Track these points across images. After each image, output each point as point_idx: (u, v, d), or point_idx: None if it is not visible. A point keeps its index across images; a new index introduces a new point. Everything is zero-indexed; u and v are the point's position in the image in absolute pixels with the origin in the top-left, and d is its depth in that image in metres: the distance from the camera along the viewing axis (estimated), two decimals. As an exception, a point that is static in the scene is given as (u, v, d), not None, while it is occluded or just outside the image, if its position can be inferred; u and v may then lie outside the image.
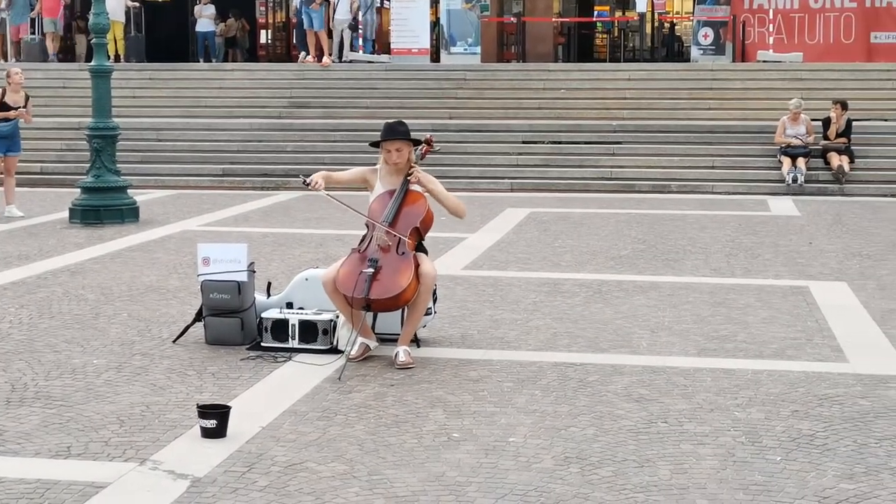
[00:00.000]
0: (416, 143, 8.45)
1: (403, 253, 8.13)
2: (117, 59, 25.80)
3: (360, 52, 27.38)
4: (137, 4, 29.32)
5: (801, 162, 19.49)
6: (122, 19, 26.34)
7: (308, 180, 8.31)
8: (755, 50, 25.57)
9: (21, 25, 27.65)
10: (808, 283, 11.19)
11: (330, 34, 25.92)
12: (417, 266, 8.12)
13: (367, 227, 8.33)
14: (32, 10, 27.97)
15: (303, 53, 26.33)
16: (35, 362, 8.13)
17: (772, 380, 7.72)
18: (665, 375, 7.82)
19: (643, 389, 7.49)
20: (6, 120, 16.08)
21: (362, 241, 8.32)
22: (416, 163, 8.46)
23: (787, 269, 12.10)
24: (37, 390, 7.42)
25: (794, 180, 19.20)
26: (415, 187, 8.35)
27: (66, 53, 29.65)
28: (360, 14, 25.93)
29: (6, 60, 27.19)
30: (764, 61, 24.63)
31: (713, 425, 6.74)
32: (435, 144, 8.85)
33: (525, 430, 6.64)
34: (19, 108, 16.05)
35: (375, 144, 8.50)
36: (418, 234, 8.31)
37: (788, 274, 11.79)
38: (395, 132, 8.31)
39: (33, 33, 28.22)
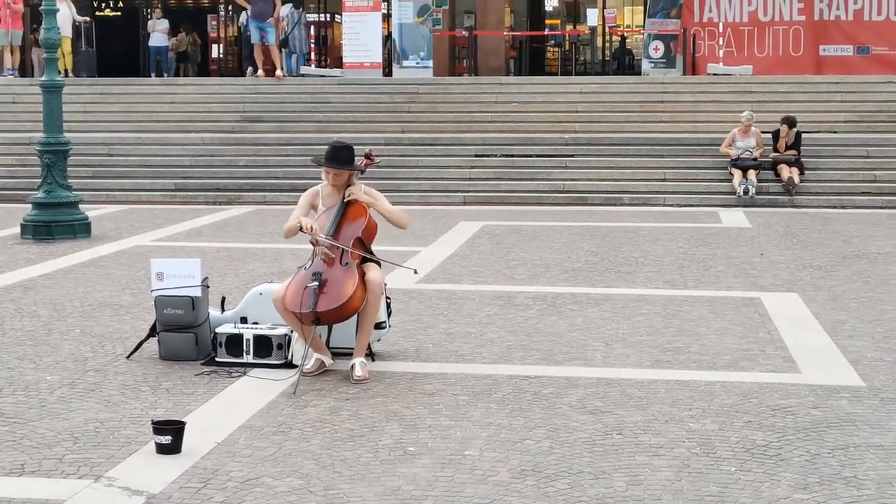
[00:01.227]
0: (357, 168, 8.44)
1: (347, 263, 8.16)
2: (66, 73, 25.57)
3: (312, 65, 27.39)
4: (88, 19, 29.11)
5: (751, 174, 19.65)
6: (70, 34, 26.11)
7: (312, 238, 8.21)
8: (705, 63, 25.76)
9: None
10: (760, 295, 11.29)
11: (279, 49, 25.89)
12: (363, 275, 8.14)
13: (312, 244, 8.34)
14: None
15: (250, 69, 26.27)
16: (-13, 379, 8.06)
17: (725, 391, 7.78)
18: (619, 387, 7.86)
19: (598, 401, 7.52)
20: None
21: (309, 258, 8.34)
22: (357, 177, 8.49)
23: (739, 280, 12.19)
24: (-11, 408, 7.37)
25: (745, 192, 19.35)
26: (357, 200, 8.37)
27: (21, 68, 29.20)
28: (288, 30, 25.90)
29: None
30: (714, 74, 24.82)
31: (668, 437, 6.79)
32: (375, 158, 8.89)
33: (481, 444, 6.66)
34: None
35: (318, 163, 8.52)
36: (362, 244, 8.33)
37: (740, 285, 11.88)
38: (337, 160, 8.32)
39: None
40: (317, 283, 8.03)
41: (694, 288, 11.75)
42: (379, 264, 8.36)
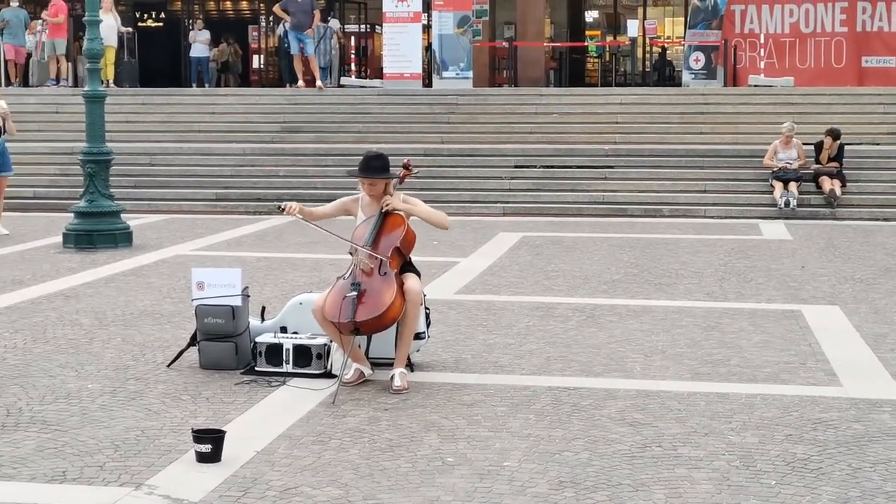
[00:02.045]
0: (392, 176, 8.48)
1: (385, 273, 8.17)
2: (108, 84, 25.77)
3: (353, 76, 27.47)
4: (131, 30, 29.32)
5: (793, 186, 19.56)
6: (115, 44, 26.30)
7: (283, 205, 8.36)
8: (746, 74, 25.66)
9: (18, 48, 27.33)
10: (801, 307, 11.22)
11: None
12: (402, 284, 8.16)
13: (351, 253, 8.38)
14: (27, 29, 27.67)
15: (289, 84, 26.35)
16: (30, 387, 8.12)
17: (766, 404, 7.74)
18: (659, 399, 7.84)
19: (637, 413, 7.50)
20: None
21: (347, 267, 8.37)
22: (396, 187, 8.52)
23: (779, 293, 12.12)
24: (32, 415, 7.42)
25: (787, 204, 19.25)
26: (395, 210, 8.40)
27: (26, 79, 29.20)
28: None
29: (9, 84, 26.92)
30: (755, 86, 24.71)
31: (707, 449, 6.76)
32: (414, 168, 8.91)
33: (519, 455, 6.65)
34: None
35: (353, 175, 8.56)
36: (400, 255, 8.34)
37: (781, 298, 11.82)
38: (368, 169, 8.36)
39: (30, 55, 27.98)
40: (355, 293, 8.05)
41: (734, 300, 11.69)
42: (419, 274, 8.37)
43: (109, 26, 25.50)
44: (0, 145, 16.46)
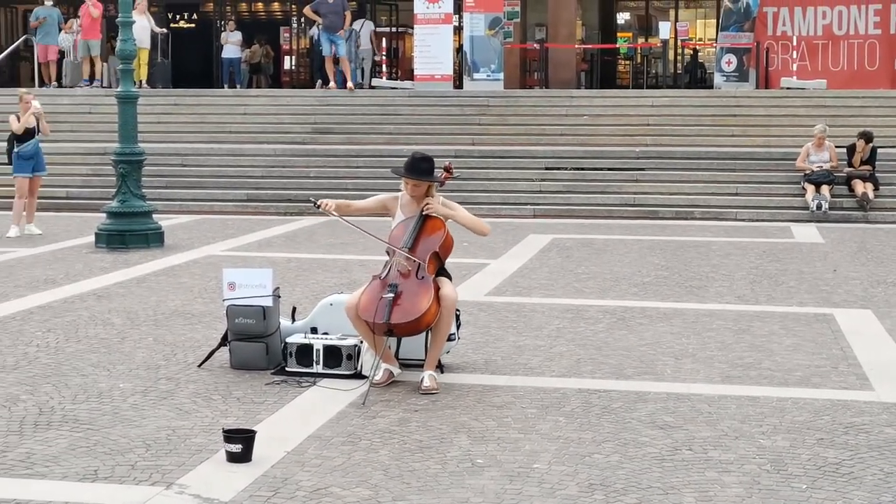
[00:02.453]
0: (437, 180, 8.49)
1: (423, 277, 8.16)
2: (140, 84, 25.90)
3: (384, 78, 27.50)
4: (166, 31, 29.44)
5: (825, 189, 19.47)
6: (148, 45, 26.41)
7: (318, 202, 8.37)
8: (779, 77, 25.55)
9: (50, 47, 27.45)
10: (833, 311, 11.17)
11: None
12: (438, 289, 8.15)
13: (388, 253, 8.37)
14: (61, 30, 27.77)
15: (319, 82, 26.39)
16: (62, 386, 8.17)
17: (797, 407, 7.71)
18: (689, 403, 7.81)
19: (667, 416, 7.48)
20: (27, 140, 16.38)
21: (384, 267, 8.37)
22: (436, 190, 8.52)
23: (811, 296, 12.07)
24: (64, 414, 7.47)
25: (819, 207, 19.17)
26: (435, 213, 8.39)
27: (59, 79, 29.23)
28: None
29: (45, 85, 27.04)
30: (787, 88, 24.61)
31: (738, 453, 6.73)
32: (454, 171, 8.91)
33: (549, 457, 6.64)
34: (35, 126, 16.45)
35: (397, 173, 8.56)
36: (438, 259, 8.34)
37: (813, 301, 11.77)
38: (417, 171, 8.35)
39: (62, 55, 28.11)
40: (392, 295, 8.05)
41: (765, 303, 11.65)
42: (450, 277, 8.38)
43: (143, 28, 25.63)
44: (34, 145, 16.58)
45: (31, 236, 16.44)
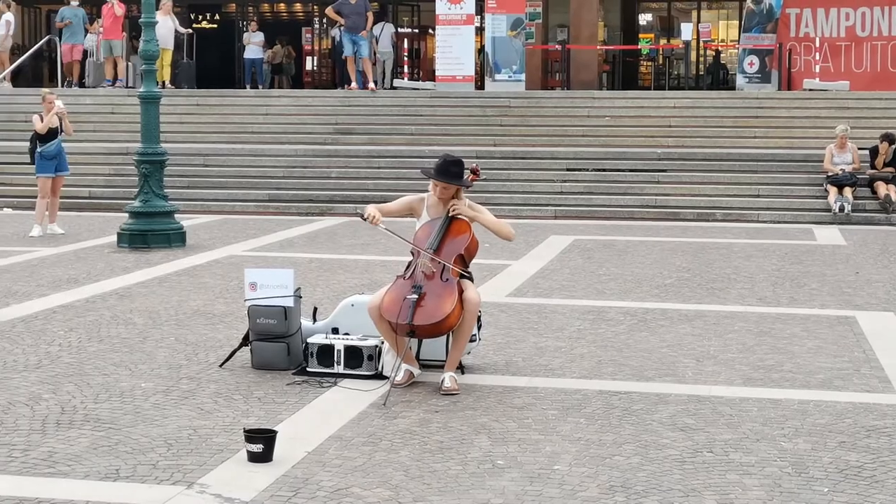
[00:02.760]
0: (467, 184, 8.50)
1: (447, 279, 8.17)
2: (163, 84, 25.98)
3: (406, 78, 27.52)
4: (191, 31, 29.51)
5: (847, 191, 19.40)
6: (171, 46, 26.48)
7: (366, 215, 8.35)
8: (801, 78, 25.46)
9: (75, 46, 27.48)
10: (855, 314, 11.13)
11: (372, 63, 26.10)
12: (461, 292, 8.15)
13: (413, 254, 8.38)
14: (86, 31, 27.83)
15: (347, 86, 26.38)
16: (84, 385, 8.21)
17: (819, 410, 7.69)
18: (710, 405, 7.80)
19: (688, 419, 7.47)
20: (50, 140, 16.46)
21: (407, 268, 8.37)
22: (462, 192, 8.53)
23: (833, 298, 12.03)
24: (86, 413, 7.50)
25: (841, 209, 19.10)
26: (461, 215, 8.40)
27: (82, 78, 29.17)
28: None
29: (67, 85, 27.12)
30: (810, 90, 24.53)
31: (759, 455, 6.72)
32: (481, 172, 8.91)
33: (570, 459, 6.64)
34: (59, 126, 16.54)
35: (427, 174, 8.57)
36: (463, 262, 8.35)
37: (835, 304, 11.73)
38: (447, 174, 8.35)
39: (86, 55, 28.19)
40: (416, 296, 8.05)
41: (787, 306, 11.62)
42: (472, 278, 8.39)
43: (167, 28, 25.72)
44: (57, 145, 16.65)
45: (53, 236, 16.51)
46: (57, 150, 16.70)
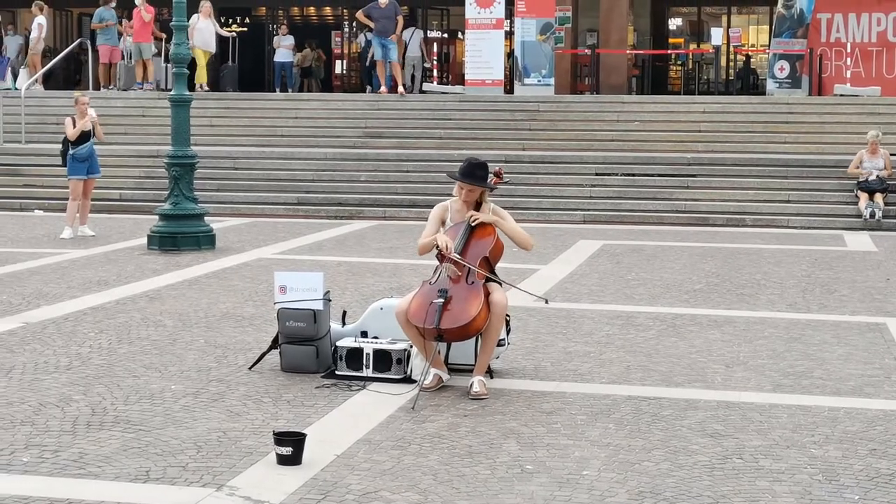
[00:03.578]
0: (491, 186, 8.51)
1: (473, 282, 8.18)
2: (201, 87, 26.10)
3: (435, 82, 27.53)
4: (234, 35, 29.60)
5: (878, 197, 19.30)
6: (213, 49, 26.53)
7: (442, 251, 8.19)
8: (832, 83, 25.35)
9: (114, 49, 27.52)
10: (886, 320, 11.07)
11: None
12: (488, 295, 8.16)
13: (439, 258, 8.39)
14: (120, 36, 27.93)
15: (368, 88, 26.41)
16: (114, 387, 8.24)
17: (849, 417, 7.65)
18: (740, 411, 7.77)
19: (718, 425, 7.45)
20: (82, 143, 16.57)
21: (434, 272, 8.38)
22: (488, 195, 8.54)
23: (864, 305, 11.97)
24: (116, 414, 7.53)
25: (872, 215, 19.02)
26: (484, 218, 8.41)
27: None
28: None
29: (107, 87, 27.21)
30: (841, 95, 24.43)
31: (789, 462, 6.69)
32: (504, 176, 8.93)
33: (599, 464, 6.63)
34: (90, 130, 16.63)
35: (452, 177, 8.59)
36: (488, 264, 8.35)
37: (865, 310, 11.67)
38: (473, 177, 8.38)
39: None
40: (442, 300, 8.06)
41: (817, 312, 11.57)
42: (500, 282, 8.39)
43: (210, 32, 25.84)
44: (89, 148, 16.75)
45: (84, 238, 16.59)
46: (89, 153, 16.79)
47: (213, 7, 26.42)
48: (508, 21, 27.76)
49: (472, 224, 8.35)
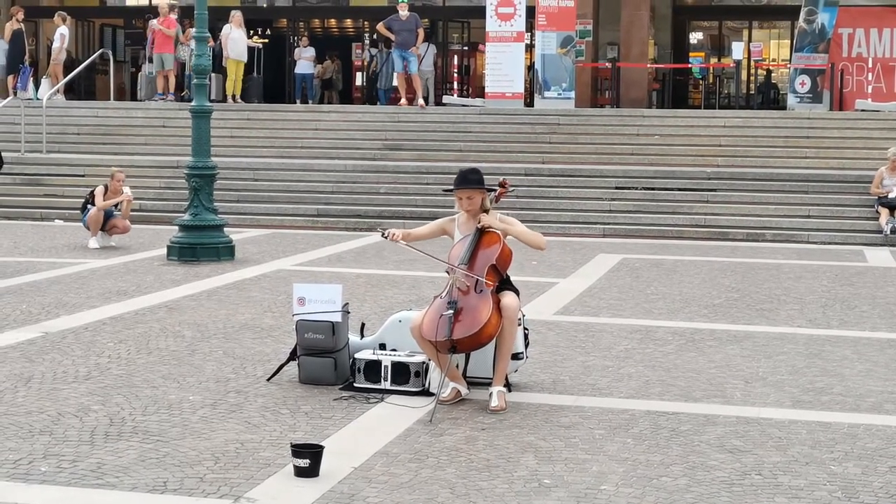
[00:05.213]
0: (489, 189, 8.52)
1: (481, 291, 8.18)
2: (234, 99, 26.17)
3: (455, 95, 27.56)
4: (260, 46, 29.65)
5: (899, 213, 19.24)
6: (245, 59, 26.54)
7: (386, 233, 8.44)
8: (853, 98, 25.31)
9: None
10: (907, 337, 11.03)
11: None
12: (498, 301, 8.16)
13: (448, 272, 8.40)
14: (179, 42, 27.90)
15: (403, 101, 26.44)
16: (133, 397, 8.26)
17: (869, 434, 7.61)
18: (759, 427, 7.74)
19: (737, 440, 7.42)
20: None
21: (445, 286, 8.40)
22: (491, 205, 8.55)
23: (884, 321, 11.92)
24: (134, 425, 7.54)
25: (893, 231, 18.94)
26: (490, 227, 8.42)
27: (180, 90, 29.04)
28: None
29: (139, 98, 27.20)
30: (862, 110, 24.36)
31: (808, 479, 6.66)
32: (510, 187, 8.94)
33: (617, 479, 6.61)
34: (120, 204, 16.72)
35: (449, 191, 8.62)
36: (497, 272, 8.35)
37: (886, 326, 11.62)
38: (465, 181, 8.43)
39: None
40: (452, 312, 8.06)
41: (837, 328, 11.52)
42: (517, 292, 8.37)
43: (244, 42, 25.89)
44: (108, 213, 16.85)
45: (104, 248, 16.64)
46: (108, 215, 16.93)
47: (237, 18, 26.46)
48: (529, 34, 27.79)
49: (480, 226, 8.34)
